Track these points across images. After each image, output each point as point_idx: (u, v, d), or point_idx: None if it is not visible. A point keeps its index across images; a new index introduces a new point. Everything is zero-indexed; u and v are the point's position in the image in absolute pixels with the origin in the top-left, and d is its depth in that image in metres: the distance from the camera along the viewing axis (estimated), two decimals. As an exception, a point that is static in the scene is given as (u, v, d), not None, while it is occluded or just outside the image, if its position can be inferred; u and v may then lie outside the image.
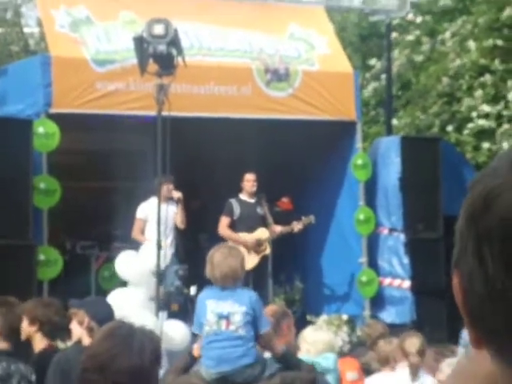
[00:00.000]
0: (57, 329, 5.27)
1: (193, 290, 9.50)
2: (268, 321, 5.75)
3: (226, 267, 5.57)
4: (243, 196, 10.06)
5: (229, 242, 9.81)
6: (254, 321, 5.61)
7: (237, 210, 9.93)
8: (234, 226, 9.92)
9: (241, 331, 5.57)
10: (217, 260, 5.60)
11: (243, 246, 9.71)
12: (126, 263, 8.03)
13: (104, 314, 4.86)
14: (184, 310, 8.65)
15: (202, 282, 6.13)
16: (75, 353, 4.50)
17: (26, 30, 16.53)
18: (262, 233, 9.96)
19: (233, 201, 9.97)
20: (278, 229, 10.00)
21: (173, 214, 9.32)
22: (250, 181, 9.99)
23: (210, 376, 5.44)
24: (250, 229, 9.94)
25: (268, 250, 9.98)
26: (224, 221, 9.88)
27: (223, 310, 5.55)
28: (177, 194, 9.47)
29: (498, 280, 0.97)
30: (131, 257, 8.13)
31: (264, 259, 9.94)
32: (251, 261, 9.73)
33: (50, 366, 4.76)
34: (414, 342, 5.42)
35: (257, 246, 9.87)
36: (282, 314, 5.91)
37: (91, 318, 4.82)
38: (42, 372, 4.80)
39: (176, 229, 9.56)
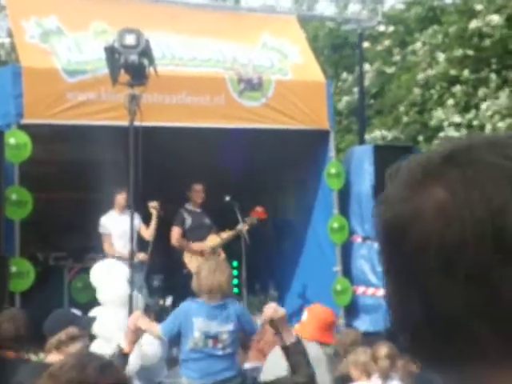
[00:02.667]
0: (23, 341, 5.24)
1: (168, 300, 9.46)
2: (256, 323, 5.77)
3: (213, 282, 5.53)
4: (190, 206, 10.12)
5: (184, 253, 9.87)
6: (242, 332, 5.64)
7: (188, 219, 10.00)
8: (185, 236, 9.96)
9: (228, 349, 5.57)
10: (204, 274, 5.57)
11: (199, 255, 9.74)
12: (108, 289, 7.94)
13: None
14: (160, 321, 8.60)
15: (178, 293, 6.12)
16: None
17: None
18: (213, 239, 10.02)
19: (182, 211, 10.02)
20: (225, 235, 10.07)
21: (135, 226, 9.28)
22: (198, 191, 10.11)
23: None
24: (201, 238, 9.99)
25: (223, 256, 10.02)
26: (176, 231, 9.92)
27: (210, 330, 5.51)
28: (153, 204, 9.45)
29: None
30: (111, 281, 8.02)
31: None
32: None
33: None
34: (383, 348, 5.43)
35: (212, 254, 9.92)
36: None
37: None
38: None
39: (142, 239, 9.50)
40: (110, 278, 7.93)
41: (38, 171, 9.52)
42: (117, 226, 9.50)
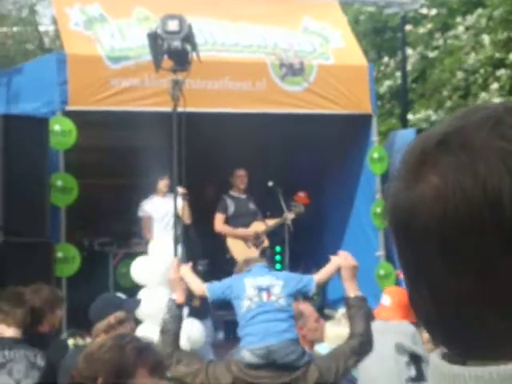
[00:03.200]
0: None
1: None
2: (310, 277, 5.81)
3: (250, 255, 5.71)
4: (234, 192, 10.14)
5: (227, 238, 9.90)
6: (293, 298, 5.70)
7: (231, 206, 10.02)
8: (228, 223, 9.99)
9: (282, 301, 5.64)
10: (240, 252, 5.76)
11: (242, 241, 9.79)
12: (140, 270, 8.02)
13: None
14: (204, 307, 8.65)
15: (221, 278, 6.16)
16: None
17: (40, 28, 16.59)
18: (257, 226, 10.03)
19: (226, 197, 10.04)
20: (271, 222, 10.06)
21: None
22: (240, 176, 10.10)
23: (253, 354, 5.40)
24: (244, 224, 10.01)
25: (266, 243, 10.05)
26: (219, 217, 9.98)
27: (262, 284, 5.65)
28: (181, 190, 9.50)
29: None
30: (144, 262, 8.11)
31: (263, 252, 10.00)
32: (252, 255, 9.79)
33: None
34: (426, 332, 5.41)
35: (255, 240, 9.94)
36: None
37: None
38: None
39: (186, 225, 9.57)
40: (150, 259, 8.01)
41: (83, 158, 9.62)
42: (158, 209, 9.58)
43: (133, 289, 8.71)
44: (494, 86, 13.08)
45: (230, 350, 5.94)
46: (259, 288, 5.61)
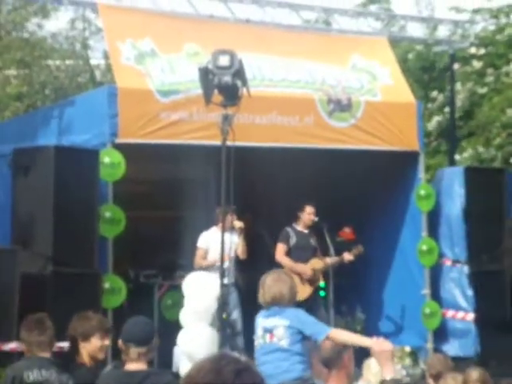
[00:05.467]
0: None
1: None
2: (327, 328, 5.81)
3: (275, 291, 5.89)
4: (298, 226, 10.13)
5: (284, 270, 9.88)
6: (301, 335, 5.74)
7: (293, 238, 10.02)
8: (288, 255, 9.98)
9: (283, 343, 5.73)
10: (267, 284, 5.95)
11: (297, 276, 9.77)
12: (195, 301, 8.06)
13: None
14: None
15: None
16: None
17: (92, 61, 16.90)
18: (316, 263, 10.03)
19: (289, 229, 10.05)
20: (329, 260, 10.06)
21: (234, 244, 9.39)
22: (310, 214, 10.06)
23: None
24: (304, 259, 10.00)
25: (321, 281, 10.04)
26: (281, 248, 9.97)
27: (268, 325, 5.79)
28: (238, 224, 9.55)
29: None
30: (198, 294, 8.14)
31: (316, 290, 9.98)
32: (305, 291, 9.81)
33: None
34: (474, 372, 5.36)
35: (312, 276, 9.93)
36: (344, 346, 5.91)
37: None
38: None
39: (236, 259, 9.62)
40: (199, 291, 8.04)
41: (131, 190, 9.72)
42: (216, 241, 9.58)
43: (177, 321, 8.77)
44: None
45: None
46: (264, 329, 5.80)
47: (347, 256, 10.12)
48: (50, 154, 8.51)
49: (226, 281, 8.98)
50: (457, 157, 13.57)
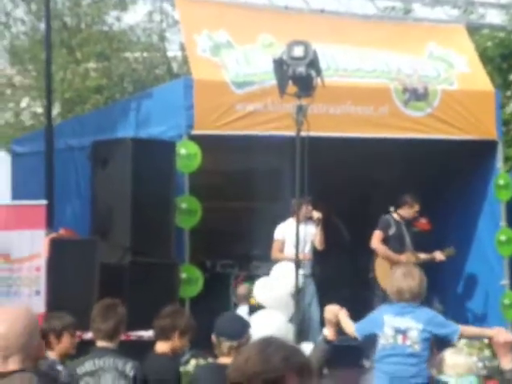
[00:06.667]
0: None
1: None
2: (456, 326, 5.79)
3: (403, 284, 5.72)
4: (398, 217, 10.07)
5: (377, 258, 9.87)
6: (431, 339, 5.68)
7: (392, 228, 9.97)
8: (385, 243, 9.94)
9: (417, 347, 5.65)
10: (396, 277, 5.82)
11: (390, 265, 9.72)
12: (264, 290, 8.10)
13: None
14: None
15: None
16: None
17: (169, 53, 17.07)
18: (409, 257, 9.97)
19: (389, 217, 9.99)
20: (422, 256, 10.05)
21: (311, 235, 9.40)
22: (414, 211, 10.03)
23: None
24: (398, 250, 9.94)
25: None
26: (378, 235, 9.92)
27: (401, 325, 5.68)
28: (316, 215, 9.56)
29: None
30: (269, 282, 8.20)
31: None
32: None
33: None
34: None
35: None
36: None
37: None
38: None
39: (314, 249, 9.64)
40: (275, 280, 8.07)
41: (207, 181, 9.81)
42: (292, 233, 9.63)
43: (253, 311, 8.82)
44: None
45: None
46: (396, 329, 5.65)
47: (439, 255, 10.14)
48: (128, 146, 8.65)
49: (302, 272, 9.02)
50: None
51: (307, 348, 6.56)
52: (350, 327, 5.70)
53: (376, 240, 9.90)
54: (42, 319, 6.05)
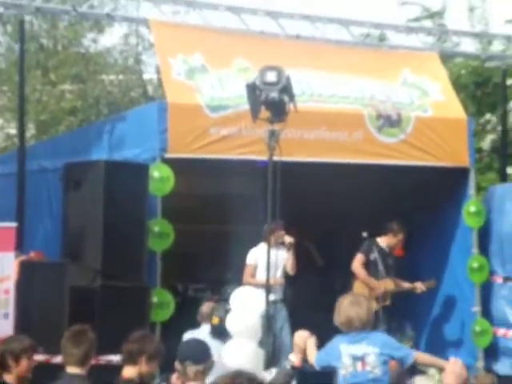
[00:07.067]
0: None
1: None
2: (411, 351, 5.81)
3: (352, 314, 5.76)
4: (383, 243, 10.11)
5: (355, 282, 9.88)
6: (388, 362, 5.69)
7: (374, 253, 10.00)
8: (365, 267, 9.97)
9: (377, 371, 5.66)
10: (343, 307, 5.85)
11: (368, 291, 9.75)
12: (235, 318, 8.09)
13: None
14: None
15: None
16: None
17: (145, 76, 17.09)
18: (388, 284, 10.00)
19: (372, 242, 10.03)
20: (404, 285, 10.15)
21: (282, 259, 9.40)
22: (398, 240, 10.08)
23: None
24: (378, 276, 9.96)
25: (388, 302, 9.99)
26: (359, 258, 9.97)
27: (357, 352, 5.67)
28: (288, 239, 9.56)
29: None
30: (239, 310, 8.18)
31: (381, 310, 9.92)
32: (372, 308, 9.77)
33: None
34: None
35: (382, 295, 9.91)
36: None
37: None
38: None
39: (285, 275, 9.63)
40: (246, 306, 8.06)
41: (180, 204, 9.78)
42: (265, 257, 9.60)
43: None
44: None
45: None
46: (354, 357, 5.66)
47: (420, 286, 10.22)
48: (100, 169, 8.62)
49: (273, 297, 9.00)
50: (510, 171, 13.37)
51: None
52: (312, 358, 5.71)
53: (357, 263, 9.94)
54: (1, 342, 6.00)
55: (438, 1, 16.60)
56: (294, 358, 5.15)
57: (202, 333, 8.51)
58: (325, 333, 6.13)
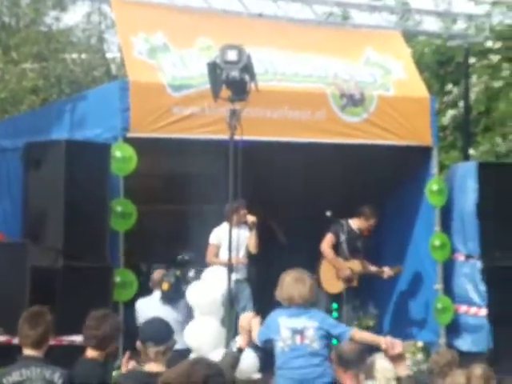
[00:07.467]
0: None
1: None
2: (348, 328, 5.88)
3: (294, 291, 5.79)
4: (354, 224, 10.14)
5: (323, 261, 9.94)
6: (327, 337, 5.76)
7: (344, 234, 10.03)
8: (334, 248, 10.03)
9: (315, 345, 5.72)
10: (286, 283, 5.91)
11: (335, 270, 9.81)
12: (197, 293, 8.12)
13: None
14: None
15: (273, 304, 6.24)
16: None
17: (108, 55, 16.93)
18: (355, 265, 10.05)
19: (343, 223, 10.05)
20: (371, 268, 10.21)
21: (245, 238, 9.41)
22: (369, 224, 10.15)
23: None
24: (347, 257, 10.01)
25: (355, 283, 10.06)
26: (329, 238, 10.01)
27: (297, 325, 5.73)
28: (251, 219, 9.57)
29: None
30: (202, 286, 8.22)
31: (347, 289, 10.00)
32: (337, 286, 9.92)
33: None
34: (477, 369, 5.35)
35: (349, 276, 9.97)
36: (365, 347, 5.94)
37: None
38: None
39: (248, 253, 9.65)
40: (208, 284, 8.08)
41: (143, 184, 9.75)
42: (227, 237, 9.60)
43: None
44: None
45: None
46: (293, 330, 5.72)
47: (388, 271, 10.28)
48: (61, 148, 8.55)
49: (238, 276, 9.02)
50: (472, 151, 13.49)
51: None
52: (256, 335, 5.75)
53: (326, 244, 9.99)
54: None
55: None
56: (240, 340, 5.18)
57: (154, 299, 8.56)
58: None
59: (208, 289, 8.09)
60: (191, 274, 9.24)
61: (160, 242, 10.88)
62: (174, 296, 8.49)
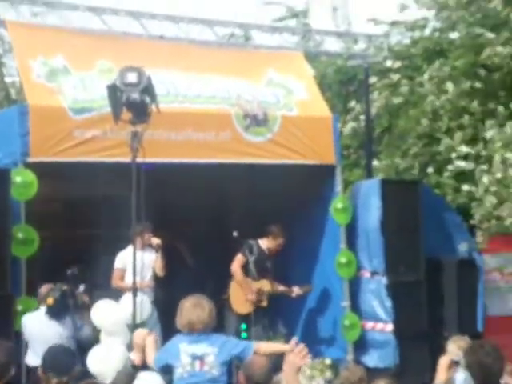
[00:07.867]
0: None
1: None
2: (250, 343, 5.87)
3: (193, 316, 5.82)
4: (263, 244, 10.14)
5: (232, 282, 9.90)
6: (228, 363, 5.74)
7: (254, 254, 10.03)
8: (244, 268, 10.02)
9: (215, 372, 5.70)
10: (185, 309, 5.92)
11: (244, 291, 9.80)
12: (102, 313, 8.01)
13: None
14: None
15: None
16: None
17: (7, 79, 16.62)
18: (265, 285, 10.05)
19: (253, 243, 10.04)
20: (280, 288, 10.22)
21: (150, 261, 9.33)
22: (278, 244, 10.18)
23: None
24: (256, 277, 10.00)
25: (265, 304, 10.07)
26: (240, 259, 9.99)
27: (197, 352, 5.71)
28: (156, 241, 9.50)
29: None
30: (107, 306, 8.11)
31: (257, 309, 9.99)
32: (246, 307, 9.86)
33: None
34: (381, 382, 5.42)
35: (257, 297, 9.96)
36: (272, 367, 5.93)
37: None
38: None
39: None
40: (112, 304, 7.97)
41: (45, 209, 9.57)
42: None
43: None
44: (458, 133, 13.17)
45: None
46: (193, 356, 5.71)
47: (297, 290, 10.31)
48: (-41, 175, 8.32)
49: (148, 299, 8.92)
50: (375, 163, 13.68)
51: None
52: (151, 357, 5.71)
53: (236, 264, 10.00)
54: None
55: (301, 1, 16.88)
56: (135, 357, 5.13)
57: (40, 314, 8.40)
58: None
59: (112, 309, 7.97)
60: (81, 289, 9.12)
61: (63, 268, 10.66)
62: (59, 311, 8.33)
